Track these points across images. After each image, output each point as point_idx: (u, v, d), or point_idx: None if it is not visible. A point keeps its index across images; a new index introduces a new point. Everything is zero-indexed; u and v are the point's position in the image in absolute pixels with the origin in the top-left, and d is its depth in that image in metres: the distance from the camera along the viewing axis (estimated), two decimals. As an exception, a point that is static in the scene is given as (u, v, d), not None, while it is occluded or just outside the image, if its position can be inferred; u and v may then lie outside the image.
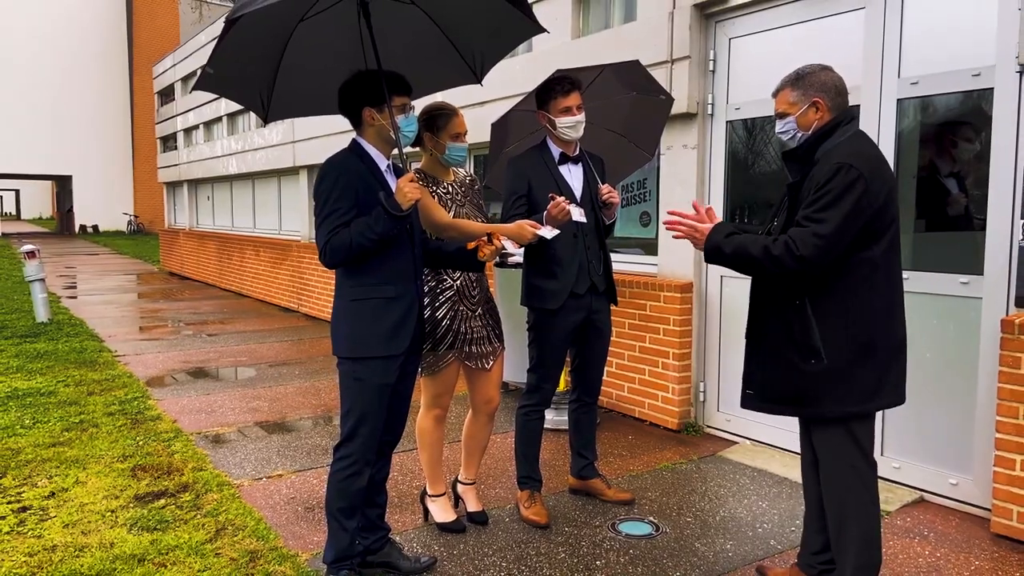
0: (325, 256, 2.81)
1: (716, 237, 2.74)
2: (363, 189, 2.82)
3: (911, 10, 3.98)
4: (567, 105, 3.57)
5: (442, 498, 3.71)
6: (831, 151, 2.65)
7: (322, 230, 2.80)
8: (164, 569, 3.27)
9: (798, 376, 2.69)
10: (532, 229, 3.21)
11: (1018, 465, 3.47)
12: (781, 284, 2.72)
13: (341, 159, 2.88)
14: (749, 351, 2.88)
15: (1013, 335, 3.45)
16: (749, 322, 2.88)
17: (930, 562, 3.34)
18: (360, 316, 2.88)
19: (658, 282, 5.28)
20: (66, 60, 35.69)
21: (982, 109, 3.75)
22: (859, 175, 2.55)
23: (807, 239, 2.54)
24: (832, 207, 2.54)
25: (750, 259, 2.66)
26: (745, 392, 2.90)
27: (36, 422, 5.37)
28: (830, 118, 2.71)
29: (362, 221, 2.77)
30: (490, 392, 3.67)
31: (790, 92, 2.76)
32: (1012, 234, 3.61)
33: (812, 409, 2.70)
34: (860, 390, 2.65)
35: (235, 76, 3.03)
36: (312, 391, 6.42)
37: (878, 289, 2.65)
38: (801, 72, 2.77)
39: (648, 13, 5.28)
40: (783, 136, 2.81)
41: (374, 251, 2.81)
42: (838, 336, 2.63)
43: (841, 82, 2.74)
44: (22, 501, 4.03)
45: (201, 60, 15.58)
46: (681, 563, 3.34)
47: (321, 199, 2.82)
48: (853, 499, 2.71)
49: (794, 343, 2.68)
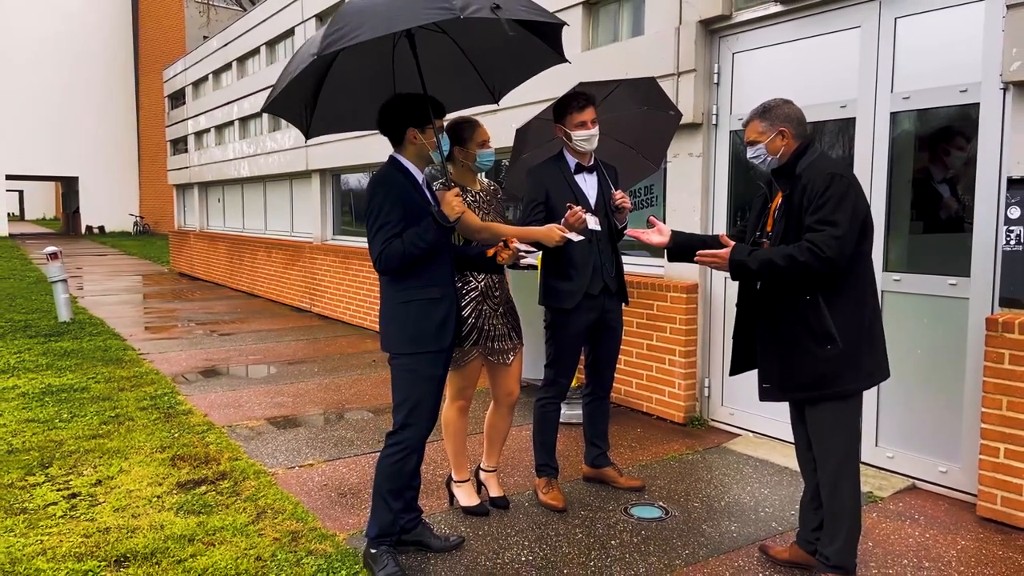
0: (379, 263, 3.11)
1: (738, 256, 3.06)
2: (408, 202, 3.12)
3: (903, 30, 4.26)
4: (582, 120, 3.85)
5: (467, 484, 3.99)
6: (810, 166, 3.02)
7: (376, 240, 3.10)
8: (213, 548, 3.55)
9: (817, 362, 3.02)
10: (560, 232, 3.50)
11: (1002, 453, 3.74)
12: (793, 285, 3.04)
13: (388, 175, 3.18)
14: (764, 349, 3.19)
15: (997, 333, 3.72)
16: (761, 324, 3.19)
17: (920, 542, 3.62)
18: (411, 316, 3.18)
19: (664, 283, 5.56)
20: (72, 61, 36.00)
21: (970, 121, 4.03)
22: (850, 182, 2.95)
23: (828, 241, 2.87)
24: (839, 210, 2.89)
25: (777, 269, 2.97)
26: (762, 387, 3.21)
27: (74, 416, 5.66)
28: (796, 144, 3.09)
29: (413, 232, 3.08)
30: (511, 385, 3.95)
31: (759, 123, 3.15)
32: (996, 239, 3.89)
33: (833, 389, 3.04)
34: (865, 368, 3.03)
35: (286, 98, 3.32)
36: (333, 387, 6.70)
37: (869, 279, 3.06)
38: (767, 105, 3.15)
39: (656, 28, 5.56)
40: (755, 160, 3.19)
41: (422, 259, 3.11)
42: (848, 322, 2.99)
43: (801, 114, 3.15)
44: (71, 488, 4.31)
45: (213, 65, 15.91)
46: (689, 543, 3.62)
47: (374, 212, 3.11)
48: (847, 471, 3.05)
49: (811, 333, 3.02)
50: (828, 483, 3.09)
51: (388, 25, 2.78)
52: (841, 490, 3.06)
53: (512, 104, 6.78)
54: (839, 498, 3.06)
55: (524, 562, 3.42)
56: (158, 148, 32.97)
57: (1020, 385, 3.65)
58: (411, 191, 3.17)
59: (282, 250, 12.44)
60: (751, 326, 3.26)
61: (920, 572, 3.32)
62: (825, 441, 3.09)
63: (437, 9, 2.72)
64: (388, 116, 3.28)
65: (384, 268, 3.12)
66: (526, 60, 3.74)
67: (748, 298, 3.27)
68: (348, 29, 2.74)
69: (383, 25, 2.76)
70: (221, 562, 3.39)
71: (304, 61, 2.91)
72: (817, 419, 3.11)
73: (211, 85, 16.37)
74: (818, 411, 3.09)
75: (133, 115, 37.47)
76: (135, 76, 37.36)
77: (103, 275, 17.64)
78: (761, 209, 3.30)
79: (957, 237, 4.12)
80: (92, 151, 36.60)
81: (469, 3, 2.71)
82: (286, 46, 12.75)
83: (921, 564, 3.40)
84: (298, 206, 12.64)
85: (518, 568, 3.37)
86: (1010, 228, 3.74)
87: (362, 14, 2.79)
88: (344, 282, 10.36)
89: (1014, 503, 3.71)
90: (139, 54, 36.95)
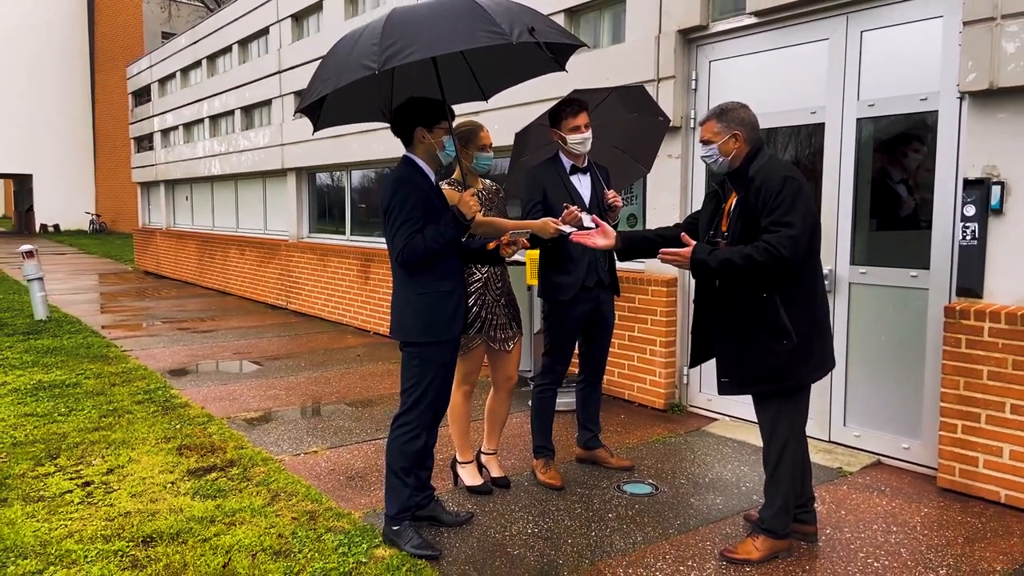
0: (401, 257, 3.33)
1: (700, 255, 3.24)
2: (425, 199, 3.36)
3: (869, 42, 4.62)
4: (576, 124, 4.12)
5: (471, 464, 4.25)
6: (762, 168, 3.23)
7: (399, 236, 3.31)
8: (235, 527, 3.75)
9: (773, 356, 3.27)
10: (555, 225, 3.77)
11: (960, 429, 4.12)
12: (751, 283, 3.26)
13: (408, 174, 3.41)
14: (722, 345, 3.42)
15: (955, 320, 4.10)
16: (720, 320, 3.40)
17: (887, 510, 3.98)
18: (425, 307, 3.41)
19: (646, 277, 5.87)
20: (26, 58, 35.18)
21: (929, 127, 4.40)
22: (800, 184, 3.17)
23: (784, 241, 3.09)
24: (793, 211, 3.12)
25: (735, 268, 3.17)
26: (721, 381, 3.45)
27: (72, 410, 5.77)
28: (748, 148, 3.30)
29: (433, 229, 3.32)
30: (510, 371, 4.22)
31: (715, 124, 3.33)
32: (954, 234, 4.27)
33: (788, 381, 3.30)
34: (818, 359, 3.31)
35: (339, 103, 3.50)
36: (323, 381, 6.89)
37: (818, 276, 3.32)
38: (724, 107, 3.35)
39: (636, 36, 5.87)
40: (707, 160, 3.38)
41: (441, 254, 3.35)
42: (801, 318, 3.25)
43: (755, 119, 3.35)
44: (83, 477, 4.45)
45: (181, 62, 15.86)
46: (680, 514, 3.93)
47: (395, 209, 3.32)
48: (792, 448, 3.35)
49: (767, 329, 3.26)
50: (772, 461, 3.39)
51: (444, 46, 2.95)
52: (782, 467, 3.36)
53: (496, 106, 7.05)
54: (779, 474, 3.37)
55: (531, 534, 3.70)
56: (115, 145, 32.46)
57: (976, 367, 4.03)
58: (427, 189, 3.41)
59: (256, 248, 12.51)
60: (709, 320, 3.46)
61: (889, 535, 3.68)
62: (771, 426, 3.38)
63: (490, 33, 2.89)
64: (400, 116, 3.50)
65: (405, 261, 3.35)
66: (524, 65, 3.91)
67: (705, 294, 3.48)
68: (403, 44, 2.89)
69: (439, 45, 2.93)
70: (245, 539, 3.60)
71: (355, 71, 2.99)
72: (765, 407, 3.39)
73: (179, 82, 16.29)
74: (767, 400, 3.37)
75: (89, 112, 36.76)
76: (91, 73, 36.66)
77: (66, 274, 17.43)
78: (715, 210, 3.49)
79: (917, 233, 4.49)
80: (46, 148, 35.83)
81: (513, 25, 2.91)
82: (259, 45, 12.81)
83: (890, 529, 3.75)
84: (272, 204, 12.71)
85: (526, 539, 3.64)
86: (966, 224, 4.11)
87: (414, 28, 2.94)
88: (322, 279, 10.51)
89: (971, 474, 4.09)
90: (95, 50, 36.27)
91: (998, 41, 3.87)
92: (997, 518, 3.85)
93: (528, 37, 2.94)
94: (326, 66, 3.30)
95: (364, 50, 3.03)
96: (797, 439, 3.38)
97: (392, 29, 3.00)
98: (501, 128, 6.50)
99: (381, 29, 3.04)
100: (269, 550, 3.50)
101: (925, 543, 3.59)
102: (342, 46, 3.27)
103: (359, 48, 3.08)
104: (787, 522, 3.42)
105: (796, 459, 3.38)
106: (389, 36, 2.96)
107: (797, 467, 3.39)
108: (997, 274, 4.05)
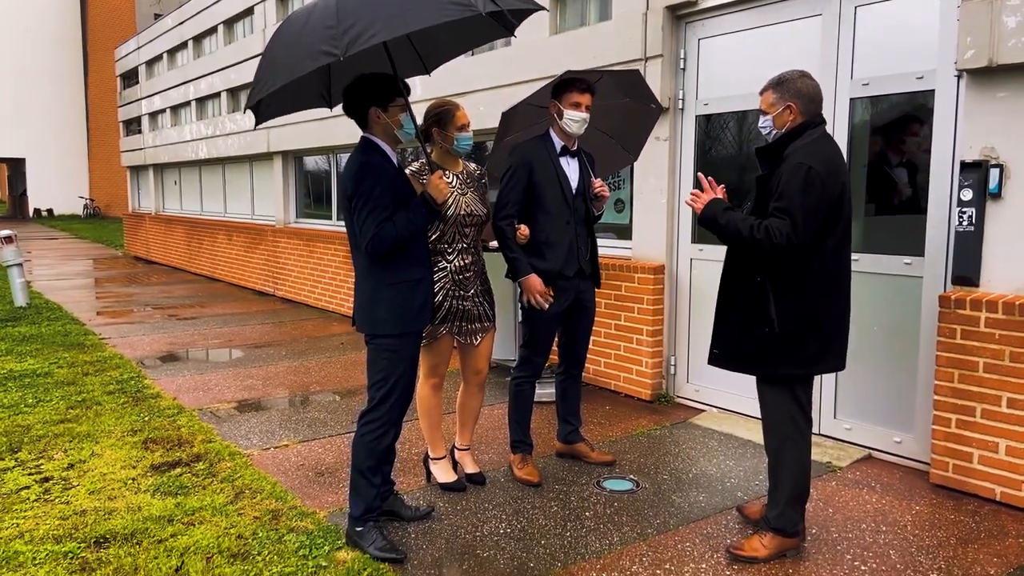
0: (371, 246, 3.11)
1: (714, 208, 3.19)
2: (392, 184, 3.15)
3: (863, 18, 4.40)
4: (578, 101, 3.89)
5: (443, 461, 4.07)
6: (794, 151, 3.07)
7: (368, 225, 3.09)
8: (193, 528, 3.58)
9: (754, 341, 3.17)
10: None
11: (953, 423, 3.95)
12: (749, 262, 3.17)
13: (371, 159, 3.18)
14: (718, 317, 3.35)
15: (950, 309, 3.91)
16: (720, 293, 3.34)
17: (877, 508, 3.81)
18: (396, 297, 3.22)
19: (632, 264, 5.68)
20: (19, 41, 34.78)
21: (925, 107, 4.20)
22: (816, 175, 2.98)
23: (782, 229, 2.98)
24: (796, 202, 2.97)
25: (737, 234, 3.10)
26: (712, 351, 3.38)
27: (39, 401, 5.59)
28: (801, 121, 3.12)
29: (404, 216, 3.11)
30: (479, 364, 4.03)
31: (771, 94, 3.18)
32: (949, 220, 4.08)
33: (763, 369, 3.21)
34: (804, 356, 3.15)
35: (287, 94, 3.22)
36: (302, 370, 6.71)
37: (828, 272, 3.14)
38: (783, 77, 3.16)
39: (622, 12, 5.64)
40: (763, 130, 3.26)
41: (411, 240, 3.15)
42: (790, 311, 3.11)
43: (816, 90, 3.15)
44: (43, 472, 4.28)
45: (167, 44, 15.58)
46: (660, 512, 3.76)
47: (363, 196, 3.09)
48: (791, 446, 3.22)
49: (753, 313, 3.16)
50: (772, 454, 3.28)
51: (411, 23, 2.72)
52: (783, 462, 3.23)
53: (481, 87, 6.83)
54: (781, 469, 3.23)
55: (503, 534, 3.52)
56: (109, 129, 32.11)
57: (971, 359, 3.85)
58: (395, 174, 3.21)
59: (244, 233, 12.30)
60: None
61: (878, 535, 3.51)
62: (768, 416, 3.27)
63: (458, 5, 2.66)
64: (350, 97, 3.25)
65: (375, 251, 3.13)
66: (469, 34, 3.63)
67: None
68: (364, 24, 2.65)
69: (405, 22, 2.70)
70: (203, 541, 3.43)
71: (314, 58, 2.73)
72: (760, 394, 3.29)
73: (166, 64, 16.02)
74: (760, 388, 3.28)
75: (82, 95, 36.40)
76: (84, 55, 36.27)
77: (55, 259, 17.23)
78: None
79: (911, 218, 4.30)
80: (40, 132, 35.47)
81: None
82: (244, 25, 12.55)
83: (879, 528, 3.58)
84: (259, 188, 12.50)
85: (497, 540, 3.47)
86: (963, 209, 3.92)
87: (373, 4, 2.71)
88: (308, 265, 10.31)
89: (965, 470, 3.92)
90: (87, 33, 35.86)
91: (998, 16, 3.65)
92: (991, 517, 3.68)
93: (492, 6, 2.72)
94: (272, 55, 3.03)
95: (319, 34, 2.77)
96: (796, 434, 3.23)
97: (347, 6, 2.76)
98: (487, 111, 6.30)
99: (335, 8, 2.78)
100: (227, 552, 3.33)
101: (916, 544, 3.43)
102: (288, 30, 3.02)
103: (310, 32, 2.84)
104: (795, 520, 3.27)
105: (798, 454, 3.23)
106: (346, 16, 2.72)
107: (800, 462, 3.24)
108: (994, 261, 3.85)
